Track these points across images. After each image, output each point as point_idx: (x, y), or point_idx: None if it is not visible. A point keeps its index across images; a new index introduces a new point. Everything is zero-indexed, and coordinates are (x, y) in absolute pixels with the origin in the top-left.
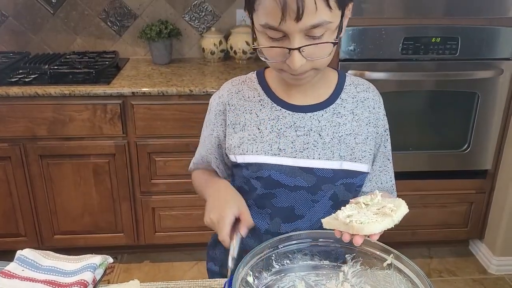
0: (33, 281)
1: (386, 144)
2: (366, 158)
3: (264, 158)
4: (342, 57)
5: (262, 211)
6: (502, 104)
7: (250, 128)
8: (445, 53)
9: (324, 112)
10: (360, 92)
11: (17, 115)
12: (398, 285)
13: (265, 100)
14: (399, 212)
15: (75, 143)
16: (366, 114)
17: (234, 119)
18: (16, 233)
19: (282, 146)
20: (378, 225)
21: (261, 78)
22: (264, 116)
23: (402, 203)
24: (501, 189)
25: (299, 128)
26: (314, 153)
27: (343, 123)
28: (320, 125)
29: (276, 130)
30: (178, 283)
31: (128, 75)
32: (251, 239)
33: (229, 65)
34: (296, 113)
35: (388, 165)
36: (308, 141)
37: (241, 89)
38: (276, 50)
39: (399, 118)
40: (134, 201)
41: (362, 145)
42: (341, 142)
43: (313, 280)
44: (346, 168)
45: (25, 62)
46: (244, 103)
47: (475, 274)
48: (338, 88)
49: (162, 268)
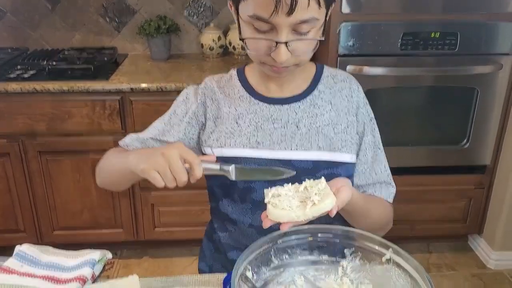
0: (32, 277)
1: (374, 133)
2: (348, 147)
3: (242, 151)
4: (341, 53)
5: (244, 206)
6: (501, 99)
7: (228, 122)
8: (444, 49)
9: (301, 103)
10: (338, 83)
11: (16, 111)
12: (397, 280)
13: (244, 95)
14: (316, 207)
15: (74, 139)
16: (345, 103)
17: (216, 113)
18: (16, 229)
19: (260, 139)
20: (285, 214)
21: (240, 75)
22: (242, 110)
23: (329, 198)
24: (500, 184)
25: (276, 120)
26: (292, 144)
27: (320, 113)
28: (297, 116)
29: (254, 124)
30: (178, 278)
31: (127, 71)
32: (237, 234)
33: (228, 61)
34: (273, 106)
35: (380, 154)
36: (286, 133)
37: (223, 85)
38: (262, 42)
39: (398, 114)
40: (133, 197)
41: (342, 135)
42: (319, 133)
43: (312, 275)
44: (326, 158)
45: (24, 58)
46: (224, 98)
47: (474, 269)
48: (316, 79)
49: (161, 264)
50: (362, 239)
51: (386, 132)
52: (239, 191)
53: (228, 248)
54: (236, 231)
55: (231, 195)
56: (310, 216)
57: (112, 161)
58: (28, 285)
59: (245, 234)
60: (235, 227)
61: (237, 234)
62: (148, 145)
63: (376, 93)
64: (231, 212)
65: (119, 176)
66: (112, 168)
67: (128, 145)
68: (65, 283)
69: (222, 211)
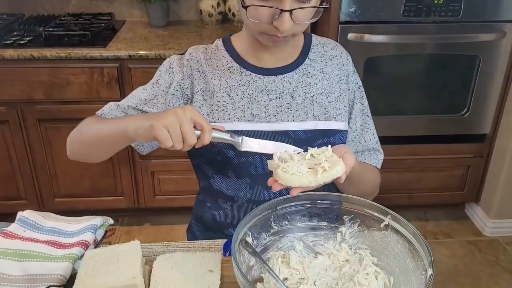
0: (35, 242)
1: (363, 101)
2: (341, 115)
3: (237, 125)
4: (342, 19)
5: (241, 181)
6: (503, 68)
7: (220, 95)
8: (447, 15)
9: (294, 73)
10: (328, 51)
11: (13, 78)
12: (394, 246)
13: (234, 66)
14: (327, 174)
15: (73, 107)
16: (336, 71)
17: (204, 86)
18: (17, 196)
19: (255, 111)
20: (296, 179)
21: (227, 45)
22: (234, 82)
23: (339, 165)
24: (498, 153)
25: (270, 91)
26: (288, 115)
27: (313, 83)
28: (292, 86)
29: (248, 96)
30: (178, 244)
31: (125, 37)
32: (233, 211)
33: (228, 28)
34: (267, 77)
35: (369, 121)
36: (281, 104)
37: (209, 57)
38: (265, 10)
39: (399, 82)
40: (133, 165)
41: (335, 103)
42: (314, 102)
43: (311, 240)
44: (322, 127)
45: (20, 24)
46: (213, 70)
47: (470, 236)
48: (306, 48)
49: (162, 231)
50: (361, 205)
51: (386, 101)
52: (234, 167)
53: (224, 226)
54: (233, 208)
55: (224, 171)
56: (321, 182)
57: (94, 128)
58: (31, 249)
59: (244, 210)
60: (232, 203)
61: (234, 211)
62: (128, 113)
63: (377, 61)
64: (226, 188)
65: (104, 143)
66: (94, 135)
67: (106, 115)
68: (68, 248)
69: (215, 188)
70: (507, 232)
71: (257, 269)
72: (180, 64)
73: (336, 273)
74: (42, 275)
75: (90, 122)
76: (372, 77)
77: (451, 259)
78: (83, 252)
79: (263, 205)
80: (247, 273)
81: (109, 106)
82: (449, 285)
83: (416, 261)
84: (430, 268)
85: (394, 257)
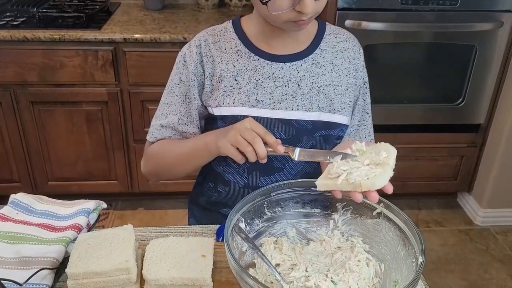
0: (28, 224)
1: (365, 98)
2: (346, 110)
3: (241, 109)
4: (340, 6)
5: (239, 166)
6: (500, 58)
7: (226, 80)
8: (445, 4)
9: (303, 62)
10: (340, 42)
11: (6, 59)
12: (386, 233)
13: (242, 50)
14: (392, 157)
15: (67, 90)
16: (346, 64)
17: (212, 71)
18: (10, 179)
19: (260, 97)
20: (386, 176)
21: (237, 28)
22: (241, 66)
23: (389, 147)
24: (492, 143)
25: (277, 78)
26: (293, 104)
27: (322, 73)
28: (299, 75)
29: (254, 81)
30: (172, 229)
31: (120, 20)
32: (230, 195)
33: (224, 12)
34: (275, 63)
35: (367, 119)
36: (287, 92)
37: (217, 39)
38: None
39: (395, 71)
40: (127, 149)
41: (341, 96)
42: (320, 93)
43: (304, 227)
44: (325, 119)
45: (13, 4)
46: (220, 54)
47: (462, 225)
48: (318, 37)
49: (156, 215)
50: None
51: (382, 89)
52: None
53: (219, 207)
54: (228, 193)
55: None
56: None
57: (175, 147)
58: (23, 232)
59: (239, 195)
60: (227, 188)
61: (229, 196)
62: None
63: (374, 48)
64: (222, 171)
65: (186, 159)
66: (176, 152)
67: (157, 137)
68: (61, 231)
69: (215, 169)
70: (498, 221)
71: (249, 254)
72: (190, 53)
73: (328, 259)
74: (35, 257)
75: (167, 143)
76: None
77: (442, 248)
78: (76, 236)
79: (257, 191)
80: (240, 258)
81: (157, 126)
82: (439, 273)
83: (407, 248)
84: (421, 255)
85: (385, 244)
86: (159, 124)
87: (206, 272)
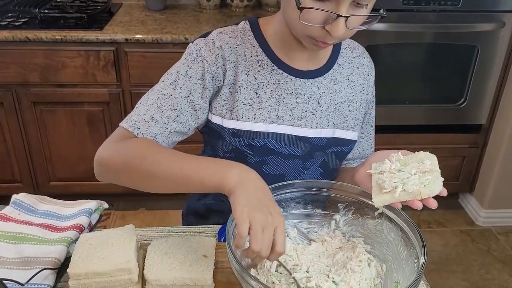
0: (30, 225)
1: (371, 111)
2: (357, 126)
3: (262, 126)
4: None
5: None
6: (502, 58)
7: (246, 92)
8: (447, 4)
9: (324, 78)
10: (356, 57)
11: (8, 60)
12: (388, 234)
13: (264, 60)
14: (436, 163)
15: (68, 90)
16: (361, 81)
17: (233, 79)
18: (12, 179)
19: (281, 113)
20: (440, 181)
21: (257, 32)
22: (263, 79)
23: (430, 155)
24: (494, 143)
25: (299, 95)
26: (312, 121)
27: (339, 90)
28: (319, 92)
29: (276, 96)
30: (173, 229)
31: (121, 21)
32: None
33: (226, 13)
34: (298, 79)
35: (371, 131)
36: (307, 109)
37: (237, 44)
38: (320, 13)
39: (396, 71)
40: None
41: (355, 113)
42: (336, 110)
43: (305, 227)
44: (338, 136)
45: (15, 5)
46: (241, 62)
47: (463, 226)
48: (336, 51)
49: (157, 216)
50: (356, 194)
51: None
52: (248, 165)
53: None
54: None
55: None
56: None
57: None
58: (25, 232)
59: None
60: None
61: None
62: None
63: (375, 49)
64: None
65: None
66: (171, 167)
67: (144, 133)
68: (62, 231)
69: None
70: (500, 222)
71: None
72: (209, 51)
73: (329, 260)
74: (37, 258)
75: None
76: None
77: (444, 248)
78: (78, 236)
79: None
80: (241, 259)
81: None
82: (441, 274)
83: (409, 249)
84: (422, 256)
85: (387, 245)
86: (151, 116)
87: (208, 273)
